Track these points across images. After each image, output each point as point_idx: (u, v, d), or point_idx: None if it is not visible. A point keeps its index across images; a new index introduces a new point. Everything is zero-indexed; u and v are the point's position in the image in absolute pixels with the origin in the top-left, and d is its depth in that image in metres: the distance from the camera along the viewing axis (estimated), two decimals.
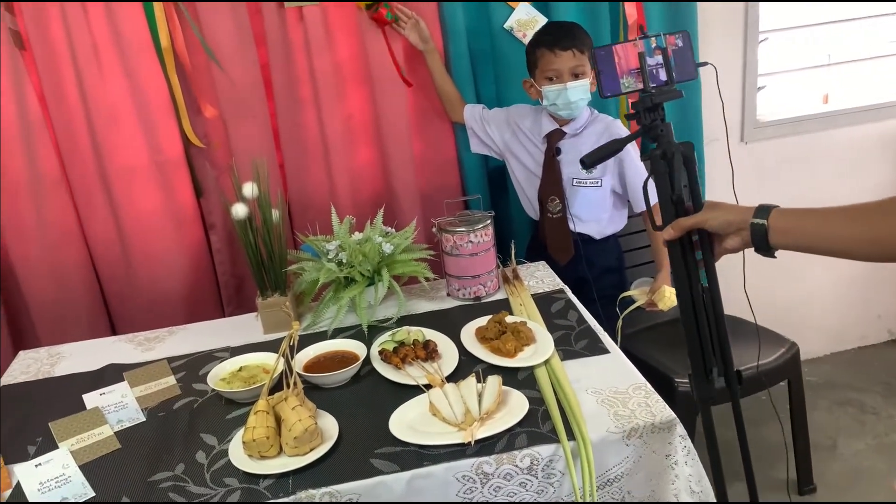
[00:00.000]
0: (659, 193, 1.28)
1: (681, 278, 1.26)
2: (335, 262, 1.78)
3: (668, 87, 1.27)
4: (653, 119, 1.27)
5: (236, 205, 1.72)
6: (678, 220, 1.24)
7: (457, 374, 1.50)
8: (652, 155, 1.27)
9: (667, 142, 1.26)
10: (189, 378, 1.62)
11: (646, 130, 1.28)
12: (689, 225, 1.23)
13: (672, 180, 1.26)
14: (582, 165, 1.38)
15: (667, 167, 1.25)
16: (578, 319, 1.71)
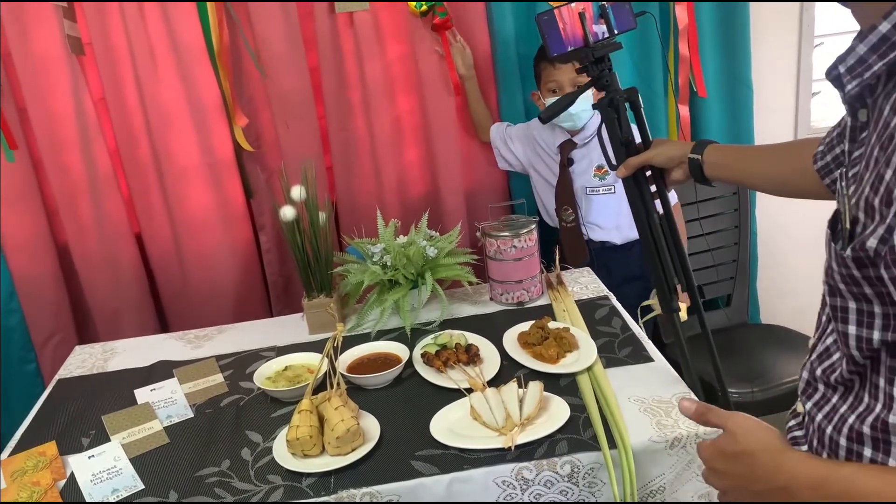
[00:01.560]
0: (610, 137, 1.43)
1: (638, 209, 1.44)
2: (380, 265, 1.79)
3: (609, 39, 1.39)
4: (600, 70, 1.40)
5: (284, 207, 1.75)
6: (628, 159, 1.41)
7: (498, 378, 1.50)
8: (600, 103, 1.41)
9: (614, 90, 1.40)
10: (236, 376, 1.65)
11: (594, 81, 1.41)
12: (638, 163, 1.40)
13: (620, 124, 1.42)
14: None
15: (615, 113, 1.40)
16: (622, 327, 1.69)
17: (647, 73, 2.35)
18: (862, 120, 0.83)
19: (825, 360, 0.93)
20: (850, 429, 0.88)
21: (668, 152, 1.38)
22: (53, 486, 1.31)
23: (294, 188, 1.77)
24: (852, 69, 0.77)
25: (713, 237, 2.44)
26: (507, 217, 1.95)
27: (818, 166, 1.11)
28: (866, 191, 0.75)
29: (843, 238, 0.78)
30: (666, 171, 1.41)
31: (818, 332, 0.96)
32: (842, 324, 0.84)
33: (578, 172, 2.15)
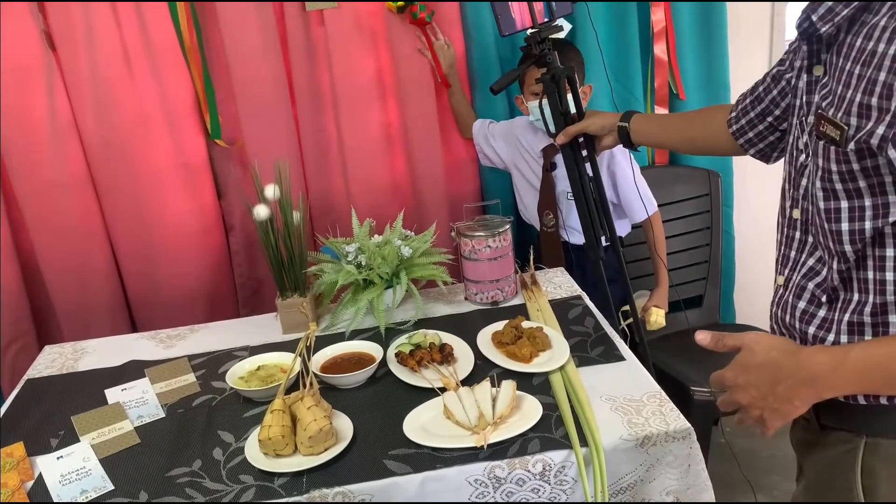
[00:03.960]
0: (551, 108, 1.67)
1: (572, 171, 1.70)
2: (354, 265, 1.79)
3: (551, 22, 1.64)
4: (542, 49, 1.63)
5: (258, 206, 1.74)
6: (566, 128, 1.67)
7: (472, 378, 1.50)
8: (543, 79, 1.63)
9: (554, 66, 1.63)
10: (208, 376, 1.64)
11: (538, 59, 1.65)
12: (575, 131, 1.66)
13: (560, 97, 1.66)
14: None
15: (556, 87, 1.64)
16: (595, 326, 1.70)
17: (625, 75, 2.37)
18: (816, 74, 1.04)
19: (814, 277, 1.08)
20: (848, 325, 1.02)
21: (600, 121, 1.63)
22: (21, 487, 1.29)
23: (268, 187, 1.76)
24: (823, 17, 0.97)
25: (686, 238, 2.46)
26: (482, 217, 1.95)
27: (733, 129, 1.35)
28: (857, 98, 0.92)
29: (845, 139, 0.94)
30: (597, 138, 1.67)
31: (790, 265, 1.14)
32: (835, 223, 1.00)
33: (561, 177, 2.16)
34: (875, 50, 0.90)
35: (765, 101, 1.27)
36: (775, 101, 1.25)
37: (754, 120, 1.30)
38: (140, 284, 2.28)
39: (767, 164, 1.37)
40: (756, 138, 1.32)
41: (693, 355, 2.27)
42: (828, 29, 0.97)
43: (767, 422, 1.00)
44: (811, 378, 0.95)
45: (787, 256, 1.15)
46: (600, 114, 1.66)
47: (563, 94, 1.66)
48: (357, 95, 2.23)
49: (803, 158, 1.08)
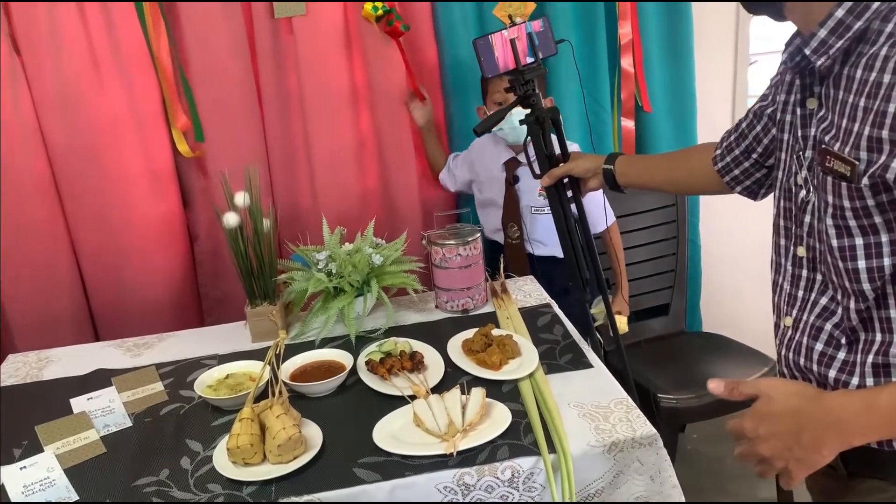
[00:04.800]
0: (535, 150, 1.63)
1: (557, 213, 1.67)
2: (325, 273, 1.79)
3: (535, 64, 1.60)
4: (526, 90, 1.58)
5: (227, 213, 1.74)
6: (551, 170, 1.63)
7: (442, 385, 1.51)
8: (527, 120, 1.59)
9: (539, 109, 1.59)
10: (177, 384, 1.62)
11: (521, 100, 1.61)
12: (559, 174, 1.63)
13: (545, 140, 1.62)
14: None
15: (540, 129, 1.60)
16: (564, 334, 1.72)
17: (594, 87, 2.40)
18: (810, 108, 1.02)
19: (830, 317, 1.03)
20: (873, 366, 0.97)
21: (585, 164, 1.60)
22: None
23: (238, 194, 1.76)
24: (817, 50, 0.95)
25: (653, 247, 2.50)
26: (453, 225, 1.96)
27: (719, 167, 1.34)
28: (865, 132, 0.90)
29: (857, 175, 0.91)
30: (582, 180, 1.63)
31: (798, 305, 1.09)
32: (851, 262, 0.97)
33: (524, 191, 2.19)
34: (880, 81, 0.88)
35: (748, 137, 1.26)
36: (758, 138, 1.24)
37: (739, 157, 1.29)
38: (103, 293, 2.24)
39: (755, 200, 1.35)
40: (742, 176, 1.31)
41: (659, 362, 2.32)
42: (824, 62, 0.95)
43: (793, 472, 0.93)
44: (838, 424, 0.88)
45: (793, 296, 1.10)
46: (585, 156, 1.63)
47: (547, 136, 1.63)
48: (327, 103, 2.22)
49: (804, 194, 1.05)
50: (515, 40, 1.53)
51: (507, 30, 1.52)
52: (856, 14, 0.91)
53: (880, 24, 0.90)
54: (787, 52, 1.03)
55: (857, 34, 0.92)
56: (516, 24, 1.54)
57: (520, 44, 1.55)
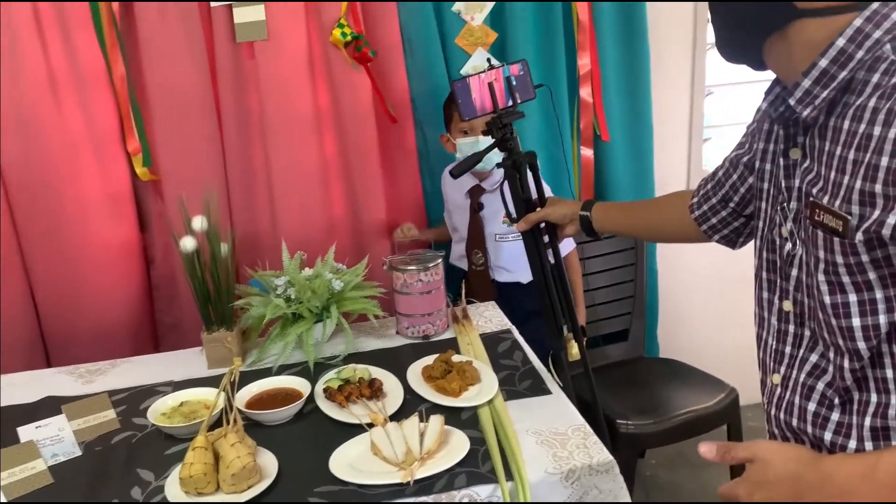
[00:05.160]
0: (512, 194, 1.61)
1: (534, 258, 1.62)
2: (283, 298, 1.78)
3: (513, 108, 1.58)
4: (503, 134, 1.56)
5: (185, 238, 1.72)
6: (528, 215, 1.60)
7: (401, 412, 1.50)
8: (504, 164, 1.58)
9: (516, 153, 1.58)
10: (129, 412, 1.59)
11: (498, 143, 1.58)
12: (536, 219, 1.60)
13: (521, 183, 1.59)
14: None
15: (517, 173, 1.58)
16: (523, 360, 1.73)
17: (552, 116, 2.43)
18: (794, 158, 0.99)
19: (821, 375, 0.99)
20: (871, 430, 0.93)
21: (561, 210, 1.58)
22: None
23: (195, 218, 1.74)
24: (802, 100, 0.92)
25: (612, 273, 2.53)
26: (415, 251, 1.97)
27: (695, 215, 1.32)
28: (856, 185, 0.86)
29: (850, 230, 0.88)
30: (559, 226, 1.61)
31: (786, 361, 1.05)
32: (844, 319, 0.93)
33: (488, 218, 2.20)
34: (870, 133, 0.85)
35: (725, 185, 1.24)
36: (735, 187, 1.22)
37: (717, 206, 1.27)
38: (56, 317, 2.19)
39: (733, 249, 1.33)
40: (720, 224, 1.29)
41: (619, 388, 2.33)
42: (809, 113, 0.92)
43: None
44: (839, 492, 0.84)
45: (780, 352, 1.06)
46: (561, 202, 1.61)
47: (524, 180, 1.60)
48: (288, 127, 2.21)
49: (790, 247, 1.01)
50: (493, 83, 1.53)
51: (486, 73, 1.52)
52: (839, 64, 0.88)
53: (865, 75, 0.88)
54: (768, 100, 1.01)
55: (843, 84, 0.89)
56: (494, 67, 1.54)
57: (498, 86, 1.54)
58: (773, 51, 0.95)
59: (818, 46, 0.89)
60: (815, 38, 0.89)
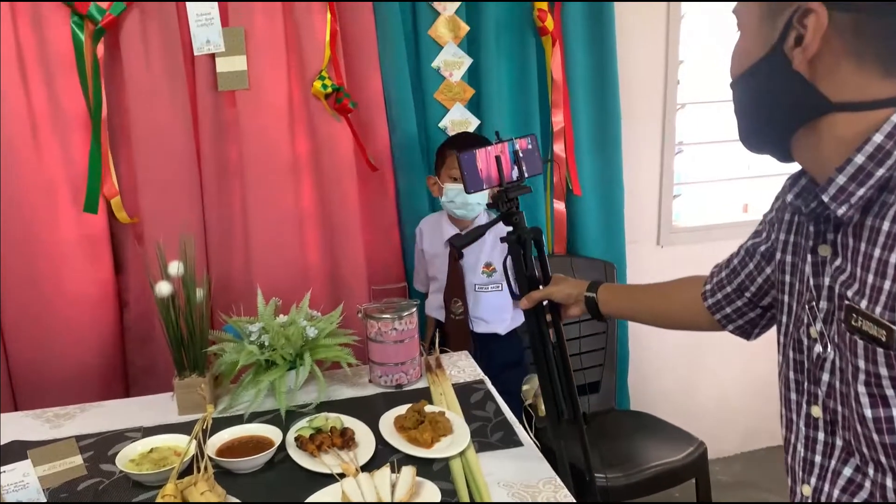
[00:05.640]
0: (516, 270, 1.54)
1: (535, 338, 1.53)
2: (257, 345, 1.78)
3: (520, 182, 1.53)
4: (509, 208, 1.51)
5: (160, 283, 1.72)
6: (531, 293, 1.51)
7: (373, 463, 1.50)
8: (509, 239, 1.52)
9: (521, 228, 1.52)
10: (97, 458, 1.57)
11: (503, 217, 1.53)
12: (539, 297, 1.51)
13: (525, 260, 1.53)
14: (451, 248, 1.63)
15: (521, 249, 1.51)
16: (496, 411, 1.74)
17: None
18: (823, 255, 0.93)
19: (857, 490, 0.91)
20: None
21: (566, 290, 1.50)
22: None
23: (172, 263, 1.74)
24: (836, 198, 0.86)
25: (584, 325, 2.56)
26: (390, 299, 1.98)
27: (709, 303, 1.26)
28: None
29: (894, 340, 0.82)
30: (563, 306, 1.53)
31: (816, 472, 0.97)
32: (889, 435, 0.85)
33: (468, 267, 2.21)
34: None
35: (741, 274, 1.19)
36: (751, 276, 1.17)
37: (731, 295, 1.22)
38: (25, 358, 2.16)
39: (748, 340, 1.27)
40: (735, 314, 1.23)
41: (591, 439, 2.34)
42: (846, 212, 0.86)
43: None
44: None
45: (810, 461, 0.98)
46: (566, 281, 1.53)
47: (528, 256, 1.53)
48: (268, 175, 2.24)
49: (820, 350, 0.94)
50: (500, 156, 1.49)
51: (493, 146, 1.49)
52: (877, 161, 0.83)
53: None
54: (793, 192, 0.96)
55: (881, 182, 0.83)
56: (502, 140, 1.51)
57: (504, 160, 1.50)
58: (802, 144, 0.90)
59: (852, 141, 0.84)
60: (848, 133, 0.85)
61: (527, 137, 1.55)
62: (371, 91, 2.30)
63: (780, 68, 0.86)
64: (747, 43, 0.92)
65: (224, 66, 2.14)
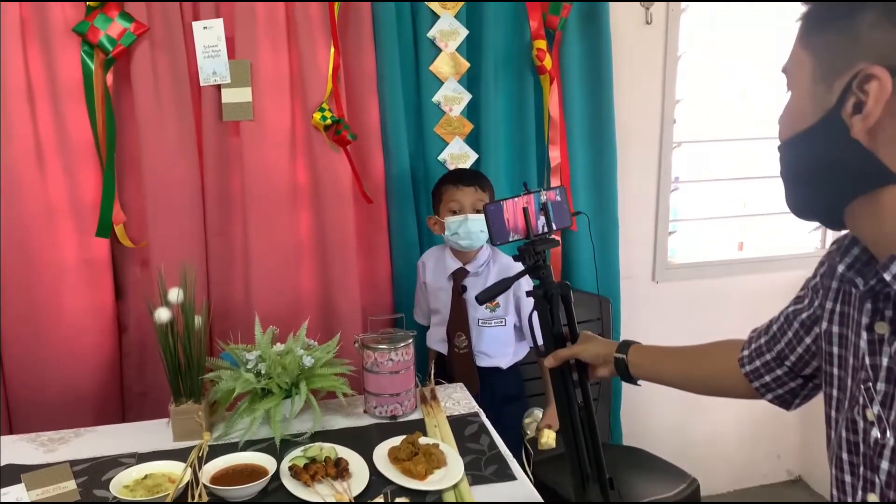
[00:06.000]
0: (542, 327, 1.44)
1: (561, 398, 1.42)
2: (253, 373, 1.79)
3: (548, 235, 1.45)
4: (535, 261, 1.43)
5: (160, 309, 1.73)
6: (557, 351, 1.40)
7: (366, 494, 1.51)
8: (535, 294, 1.43)
9: (548, 283, 1.42)
10: (91, 483, 1.57)
11: (529, 270, 1.44)
12: (566, 356, 1.40)
13: (553, 316, 1.43)
14: (477, 302, 1.52)
15: (548, 304, 1.42)
16: (490, 444, 1.75)
17: None
18: (881, 333, 0.86)
19: None
20: None
21: (595, 349, 1.41)
22: None
23: (172, 290, 1.76)
24: None
25: None
26: (386, 330, 1.99)
27: (747, 370, 1.19)
28: None
29: None
30: (591, 365, 1.44)
31: None
32: None
33: (472, 301, 2.18)
34: None
35: (780, 342, 1.13)
36: (791, 345, 1.11)
37: (771, 363, 1.15)
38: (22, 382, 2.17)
39: (788, 410, 1.20)
40: (774, 384, 1.16)
41: None
42: None
43: None
44: None
45: None
46: (595, 340, 1.44)
47: (556, 312, 1.44)
48: (268, 204, 2.27)
49: (879, 436, 0.87)
50: (527, 208, 1.44)
51: (520, 197, 1.43)
52: None
53: None
54: (845, 262, 0.90)
55: None
56: (530, 191, 1.45)
57: (532, 211, 1.44)
58: (859, 215, 0.84)
59: None
60: None
61: (555, 189, 1.49)
62: (369, 123, 2.34)
63: (837, 135, 0.80)
64: (799, 104, 0.85)
65: (230, 97, 2.18)
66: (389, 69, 2.32)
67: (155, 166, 2.18)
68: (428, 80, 2.39)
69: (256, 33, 2.18)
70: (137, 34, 2.07)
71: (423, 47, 2.38)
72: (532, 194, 1.44)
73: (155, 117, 2.15)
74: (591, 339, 1.44)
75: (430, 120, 2.42)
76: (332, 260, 2.35)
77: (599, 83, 2.53)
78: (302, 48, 2.21)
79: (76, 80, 2.08)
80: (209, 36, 2.14)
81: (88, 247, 2.16)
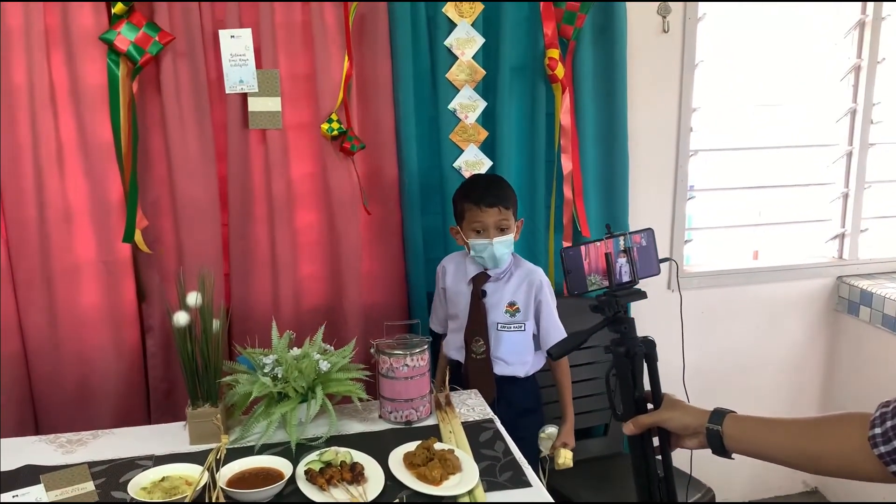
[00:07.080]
0: (622, 389, 1.29)
1: (639, 469, 1.31)
2: (270, 377, 1.80)
3: (632, 285, 1.33)
4: (616, 313, 1.29)
5: (178, 313, 1.75)
6: (638, 417, 1.27)
7: (381, 498, 1.51)
8: (615, 350, 1.29)
9: (630, 339, 1.28)
10: (109, 485, 1.58)
11: (609, 322, 1.30)
12: (649, 423, 1.27)
13: (634, 378, 1.28)
14: (549, 357, 1.40)
15: (630, 365, 1.27)
16: (504, 451, 1.75)
17: (532, 209, 2.53)
18: None
19: None
20: None
21: (682, 419, 1.25)
22: None
23: (190, 295, 1.78)
24: None
25: (591, 368, 2.56)
26: (402, 335, 2.00)
27: (881, 451, 1.01)
28: None
29: None
30: (675, 435, 1.28)
31: None
32: None
33: (491, 306, 2.17)
34: None
35: None
36: None
37: None
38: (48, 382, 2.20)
39: None
40: None
41: (599, 483, 2.33)
42: None
43: None
44: None
45: None
46: (682, 407, 1.27)
47: (638, 374, 1.29)
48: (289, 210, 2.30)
49: None
50: (610, 254, 1.31)
51: (602, 242, 1.31)
52: None
53: None
54: None
55: None
56: (614, 234, 1.32)
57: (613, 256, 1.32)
58: None
59: None
60: None
61: (642, 232, 1.37)
62: (385, 129, 2.36)
63: None
64: None
65: (257, 106, 2.20)
66: (404, 76, 2.33)
67: (177, 172, 2.20)
68: (444, 87, 2.40)
69: (277, 42, 2.21)
70: (164, 43, 2.10)
71: (438, 55, 2.39)
72: (615, 238, 1.32)
73: (177, 124, 2.18)
74: (678, 405, 1.28)
75: (446, 127, 2.43)
76: (347, 265, 2.37)
77: (613, 92, 2.53)
78: (317, 56, 2.23)
79: (97, 85, 2.11)
80: (237, 45, 2.16)
81: (111, 249, 2.19)
